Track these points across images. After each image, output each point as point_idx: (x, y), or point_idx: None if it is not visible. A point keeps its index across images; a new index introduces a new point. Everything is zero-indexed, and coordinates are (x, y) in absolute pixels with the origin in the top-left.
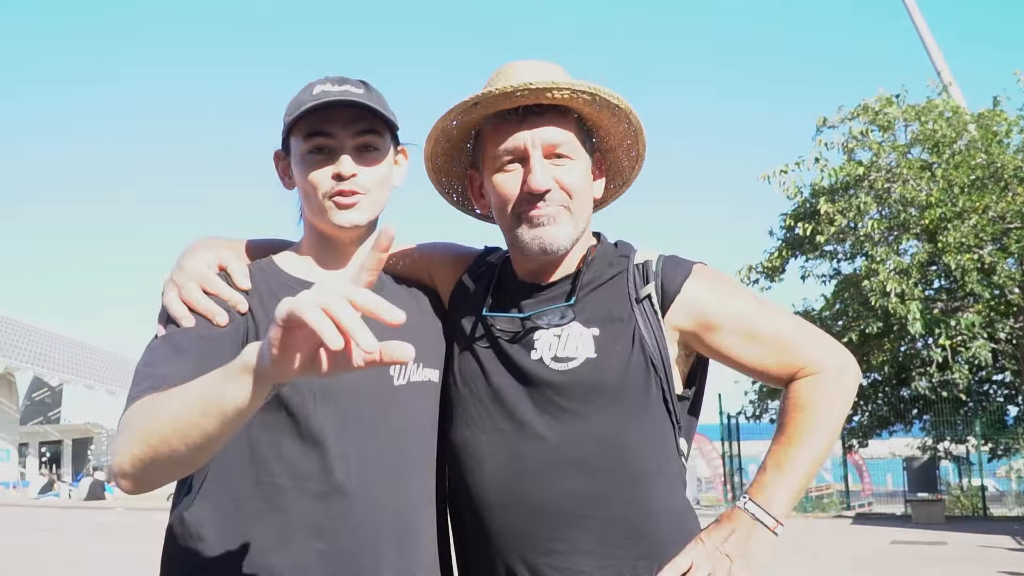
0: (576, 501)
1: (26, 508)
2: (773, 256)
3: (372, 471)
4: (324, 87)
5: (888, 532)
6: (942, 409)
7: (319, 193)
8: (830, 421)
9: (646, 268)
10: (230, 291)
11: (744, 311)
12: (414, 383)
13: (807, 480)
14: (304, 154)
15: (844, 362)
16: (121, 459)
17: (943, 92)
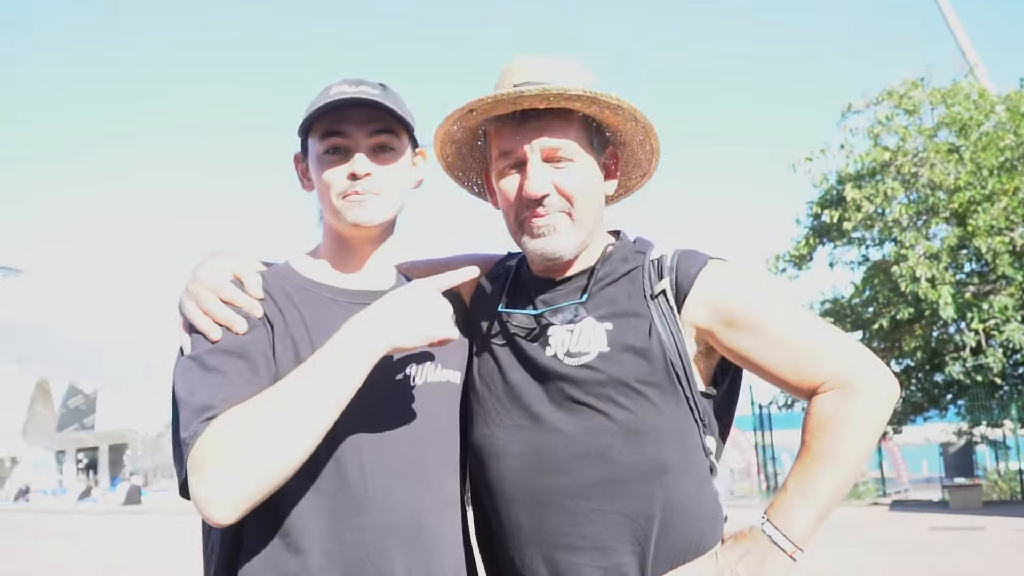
0: (594, 494)
1: (65, 515)
2: (800, 244)
3: (385, 471)
4: (341, 88)
5: (925, 518)
6: (977, 393)
7: (333, 192)
8: (860, 441)
9: (661, 263)
10: (244, 298)
11: (765, 311)
12: (432, 383)
13: (832, 504)
14: (320, 154)
15: (878, 376)
16: (222, 489)
17: (969, 74)
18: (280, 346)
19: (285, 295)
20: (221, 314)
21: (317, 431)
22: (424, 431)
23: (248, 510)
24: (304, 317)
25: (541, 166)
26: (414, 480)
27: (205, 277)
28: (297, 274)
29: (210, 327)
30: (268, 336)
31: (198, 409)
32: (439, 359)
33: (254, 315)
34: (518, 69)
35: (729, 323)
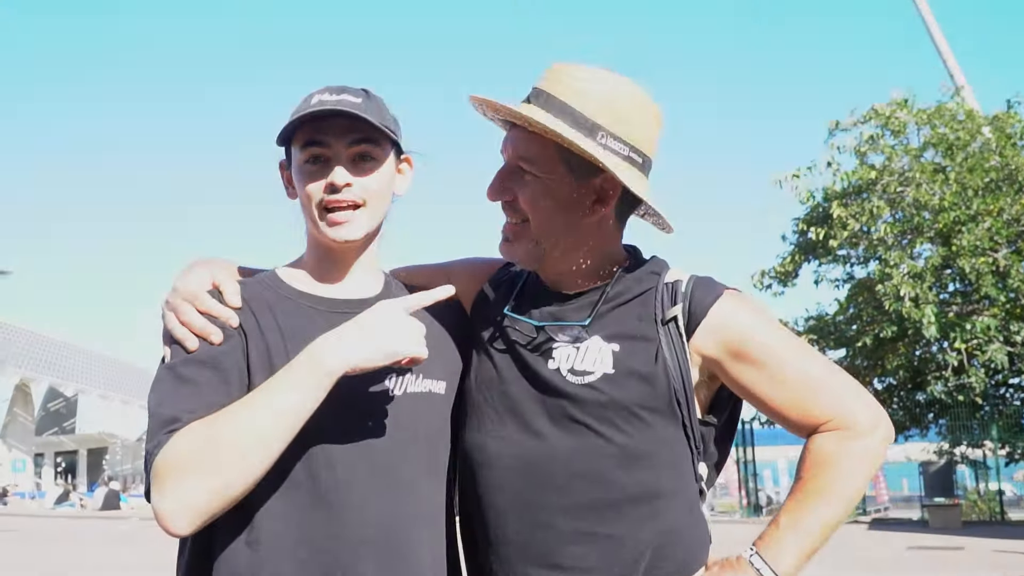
0: (586, 515)
1: (43, 518)
2: (786, 261)
3: (360, 483)
4: (322, 96)
5: (904, 537)
6: (958, 413)
7: (313, 203)
8: (855, 482)
9: (675, 288)
10: (220, 308)
11: (773, 347)
12: (411, 394)
13: (821, 543)
14: (301, 164)
15: (876, 419)
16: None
17: (956, 95)
18: (254, 355)
19: (265, 304)
20: (198, 324)
21: (272, 449)
22: (402, 443)
23: (205, 523)
24: (281, 326)
25: (504, 174)
26: (390, 493)
27: (183, 287)
28: (281, 282)
29: (186, 337)
30: (242, 346)
31: (164, 421)
32: (420, 370)
33: (230, 325)
34: (547, 76)
35: (738, 356)
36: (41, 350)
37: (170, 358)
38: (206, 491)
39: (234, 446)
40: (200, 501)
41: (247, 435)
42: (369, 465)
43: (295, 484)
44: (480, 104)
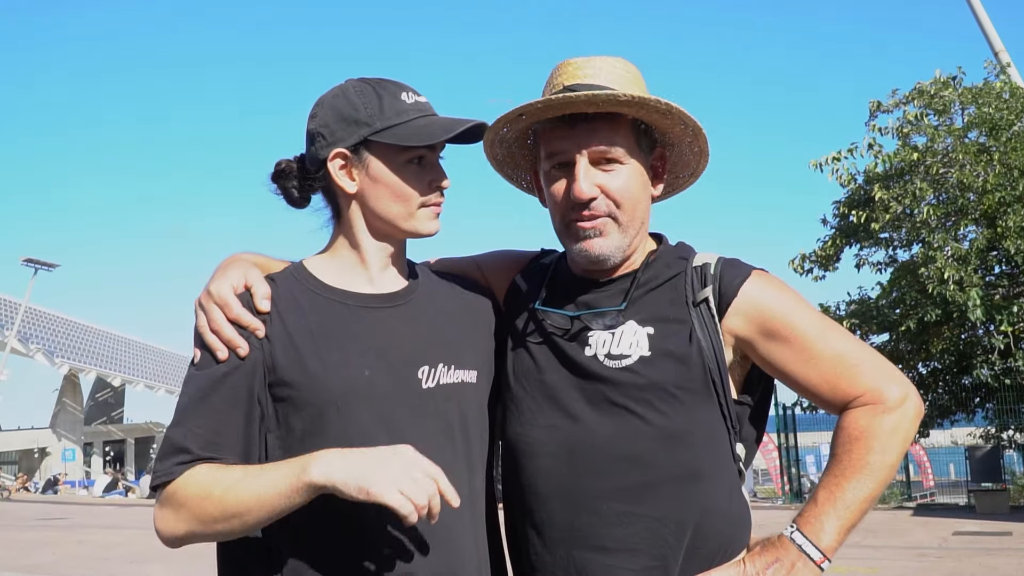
0: (628, 497)
1: (92, 506)
2: (827, 245)
3: None
4: (415, 97)
5: (951, 523)
6: (1005, 397)
7: (416, 201)
8: (889, 455)
9: (704, 271)
10: (249, 318)
11: (804, 326)
12: (444, 385)
13: (860, 517)
14: (405, 162)
15: (906, 393)
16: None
17: (1001, 74)
18: (284, 361)
19: (294, 302)
20: (226, 335)
21: (249, 525)
22: (440, 433)
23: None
24: (311, 325)
25: (589, 169)
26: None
27: (216, 290)
28: (310, 276)
29: (216, 347)
30: (263, 360)
31: (175, 448)
32: (452, 360)
33: (257, 335)
34: (568, 71)
35: (769, 335)
36: (89, 341)
37: (197, 360)
38: (190, 531)
39: (221, 511)
40: (185, 535)
41: (232, 506)
42: None
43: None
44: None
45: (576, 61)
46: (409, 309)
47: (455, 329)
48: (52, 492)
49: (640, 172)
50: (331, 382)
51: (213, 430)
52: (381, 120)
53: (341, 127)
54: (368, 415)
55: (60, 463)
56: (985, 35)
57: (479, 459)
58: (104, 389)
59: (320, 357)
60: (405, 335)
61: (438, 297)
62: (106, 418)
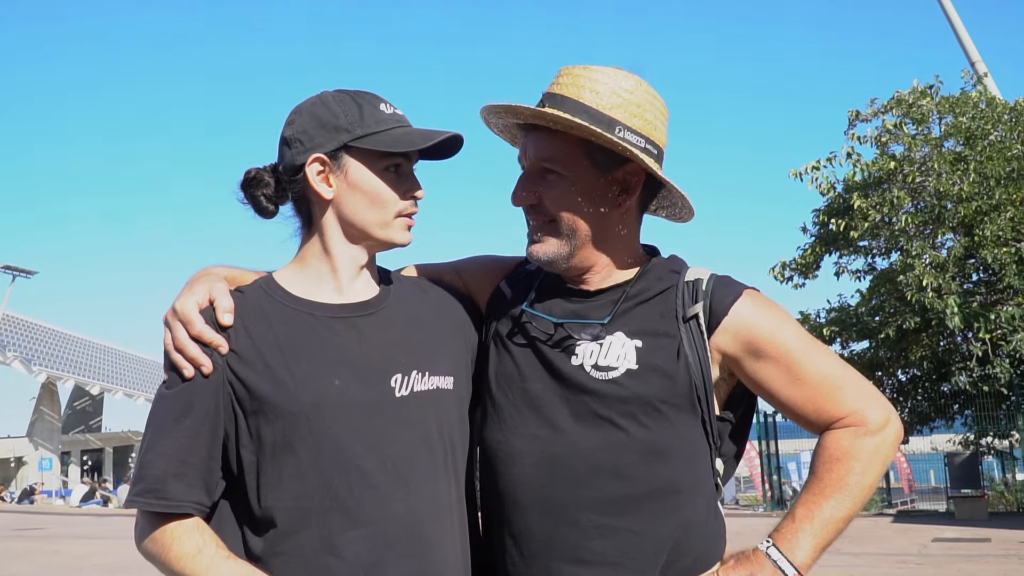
0: (608, 510)
1: (69, 516)
2: (807, 253)
3: (372, 484)
4: (393, 108)
5: (930, 530)
6: (984, 404)
7: (393, 210)
8: (868, 476)
9: (696, 287)
10: (211, 334)
11: (791, 346)
12: (419, 393)
13: (836, 535)
14: (381, 170)
15: (888, 417)
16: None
17: (978, 84)
18: (253, 377)
19: (262, 314)
20: (190, 353)
21: None
22: (413, 441)
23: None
24: (279, 337)
25: (528, 177)
26: (407, 491)
27: (180, 307)
28: (278, 287)
29: (181, 365)
30: (226, 376)
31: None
32: (426, 367)
33: (220, 351)
34: (559, 79)
35: (756, 354)
36: (67, 349)
37: (167, 380)
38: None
39: (166, 567)
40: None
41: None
42: (382, 466)
43: (311, 493)
44: (496, 113)
45: (573, 71)
46: (380, 317)
47: (429, 335)
48: (28, 502)
49: (585, 186)
50: (300, 394)
51: (182, 454)
52: (361, 127)
53: (320, 133)
54: (340, 426)
55: (37, 472)
56: (961, 45)
57: (459, 463)
58: (82, 397)
59: (289, 369)
60: (376, 344)
61: (411, 304)
62: (84, 427)
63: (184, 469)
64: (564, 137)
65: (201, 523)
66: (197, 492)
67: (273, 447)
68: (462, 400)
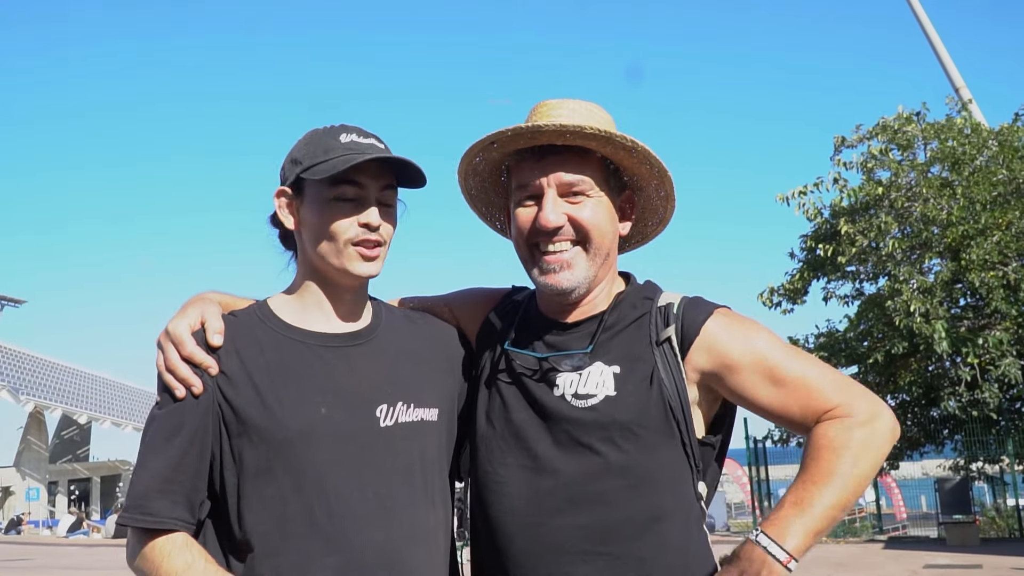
0: (588, 535)
1: (56, 547)
2: (795, 278)
3: (353, 510)
4: (353, 137)
5: (921, 556)
6: (973, 428)
7: (343, 238)
8: (858, 466)
9: (667, 311)
10: (201, 355)
11: (767, 353)
12: (403, 424)
13: (826, 523)
14: (329, 199)
15: (877, 409)
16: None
17: (962, 110)
18: (241, 400)
19: (254, 339)
20: (181, 374)
21: None
22: (395, 470)
23: None
24: (269, 362)
25: (557, 199)
26: (386, 519)
27: (173, 329)
28: (271, 314)
29: (173, 385)
30: (215, 398)
31: (140, 494)
32: (412, 399)
33: (210, 372)
34: (542, 111)
35: (732, 368)
36: (55, 378)
37: (159, 400)
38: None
39: None
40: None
41: None
42: (363, 494)
43: (291, 516)
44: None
45: (551, 103)
46: (369, 348)
47: (416, 368)
48: (15, 532)
49: (608, 207)
50: (287, 420)
51: (168, 472)
52: (311, 158)
53: (288, 167)
54: (324, 453)
55: (24, 502)
56: (945, 72)
57: (440, 496)
58: (70, 427)
59: (277, 395)
60: (364, 374)
61: (400, 336)
62: (72, 456)
63: (169, 486)
64: (588, 160)
65: (190, 539)
66: (180, 509)
67: (256, 470)
68: (446, 432)
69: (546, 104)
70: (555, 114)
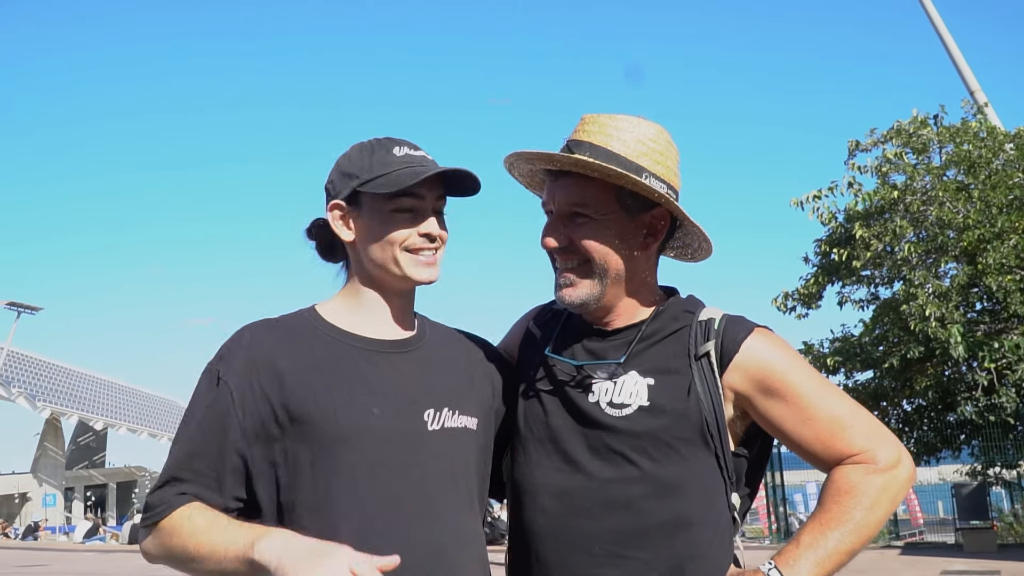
0: (618, 540)
1: (72, 552)
2: (809, 283)
3: (400, 511)
4: (406, 151)
5: (939, 562)
6: (990, 434)
7: (401, 246)
8: (875, 514)
9: (708, 326)
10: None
11: (802, 386)
12: (448, 429)
13: (836, 568)
14: (391, 211)
15: (899, 456)
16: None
17: (978, 113)
18: (293, 395)
19: (304, 340)
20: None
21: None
22: (441, 473)
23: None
24: (320, 363)
25: (558, 220)
26: (432, 521)
27: None
28: (319, 318)
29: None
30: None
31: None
32: (456, 406)
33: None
34: (582, 127)
35: (767, 392)
36: (71, 384)
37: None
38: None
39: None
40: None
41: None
42: (410, 497)
43: (344, 516)
44: (528, 160)
45: (598, 119)
46: (417, 355)
47: (460, 378)
48: (32, 538)
49: (616, 228)
50: (341, 418)
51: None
52: (368, 172)
53: (341, 181)
54: (375, 453)
55: (41, 508)
56: (960, 75)
57: (479, 504)
58: (86, 433)
59: (331, 394)
60: (413, 379)
61: (445, 347)
62: (88, 462)
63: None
64: (594, 182)
65: (203, 504)
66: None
67: (311, 467)
68: (484, 442)
69: (591, 120)
70: (594, 131)
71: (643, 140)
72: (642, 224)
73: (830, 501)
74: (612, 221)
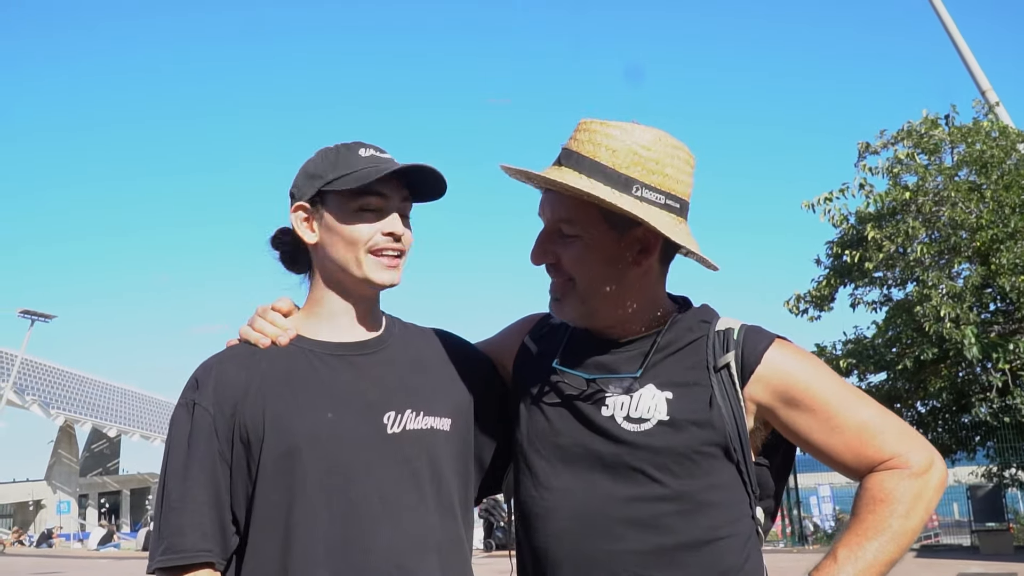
0: (642, 561)
1: (87, 559)
2: (821, 285)
3: (358, 515)
4: (372, 152)
5: (955, 565)
6: (1005, 435)
7: (364, 246)
8: (912, 520)
9: (727, 336)
10: (284, 321)
11: (827, 394)
12: (411, 431)
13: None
14: (354, 210)
15: (931, 459)
16: None
17: (989, 112)
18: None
19: (264, 355)
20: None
21: None
22: (402, 478)
23: None
24: (276, 371)
25: (545, 236)
26: (393, 523)
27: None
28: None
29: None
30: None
31: (165, 535)
32: (421, 407)
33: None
34: (577, 135)
35: (791, 403)
36: (84, 392)
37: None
38: None
39: None
40: None
41: None
42: (366, 502)
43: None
44: (512, 173)
45: (590, 126)
46: (379, 357)
47: (427, 378)
48: (47, 545)
49: (603, 246)
50: (294, 426)
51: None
52: (333, 172)
53: (305, 183)
54: (331, 459)
55: (55, 516)
56: (971, 75)
57: (459, 506)
58: (100, 440)
59: (284, 401)
60: (372, 381)
61: (413, 347)
62: (101, 469)
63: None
64: (579, 199)
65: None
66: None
67: (271, 479)
68: (459, 442)
69: (584, 128)
70: (585, 140)
71: (636, 149)
72: (633, 239)
73: (865, 511)
74: (598, 239)
